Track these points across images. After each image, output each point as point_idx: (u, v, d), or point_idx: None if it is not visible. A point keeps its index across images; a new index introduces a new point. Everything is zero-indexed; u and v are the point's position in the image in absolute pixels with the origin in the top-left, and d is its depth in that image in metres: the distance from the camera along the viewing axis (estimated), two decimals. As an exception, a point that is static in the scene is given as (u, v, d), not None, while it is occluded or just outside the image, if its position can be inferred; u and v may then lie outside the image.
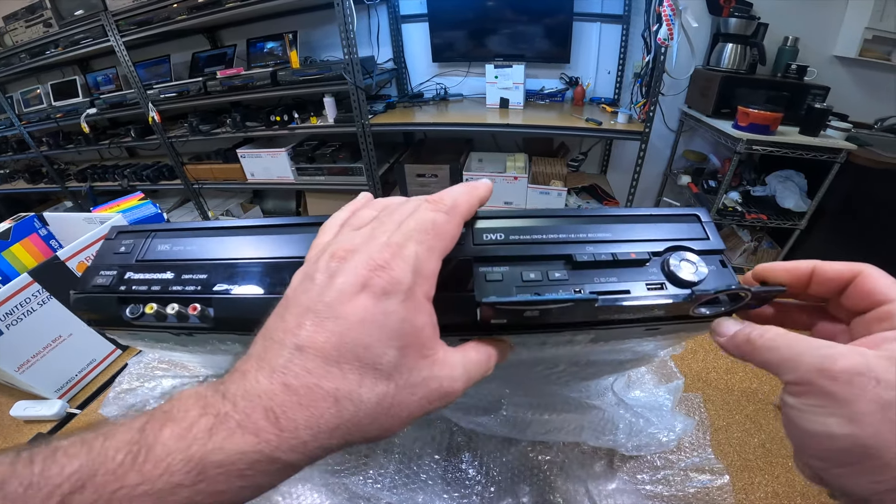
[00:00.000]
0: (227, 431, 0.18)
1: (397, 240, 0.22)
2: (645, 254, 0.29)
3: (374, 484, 0.51)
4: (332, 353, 0.20)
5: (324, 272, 0.22)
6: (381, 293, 0.21)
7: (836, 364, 0.21)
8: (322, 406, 0.19)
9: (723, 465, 0.53)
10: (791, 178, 1.98)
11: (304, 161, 2.40)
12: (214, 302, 0.31)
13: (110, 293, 0.33)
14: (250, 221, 0.35)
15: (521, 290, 0.28)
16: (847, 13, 1.95)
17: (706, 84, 2.00)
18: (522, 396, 0.51)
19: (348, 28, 1.85)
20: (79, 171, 2.95)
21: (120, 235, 0.36)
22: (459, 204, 0.26)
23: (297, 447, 0.19)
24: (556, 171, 2.15)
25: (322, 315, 0.20)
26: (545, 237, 0.30)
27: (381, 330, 0.21)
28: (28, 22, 2.45)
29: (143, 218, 0.95)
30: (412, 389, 0.22)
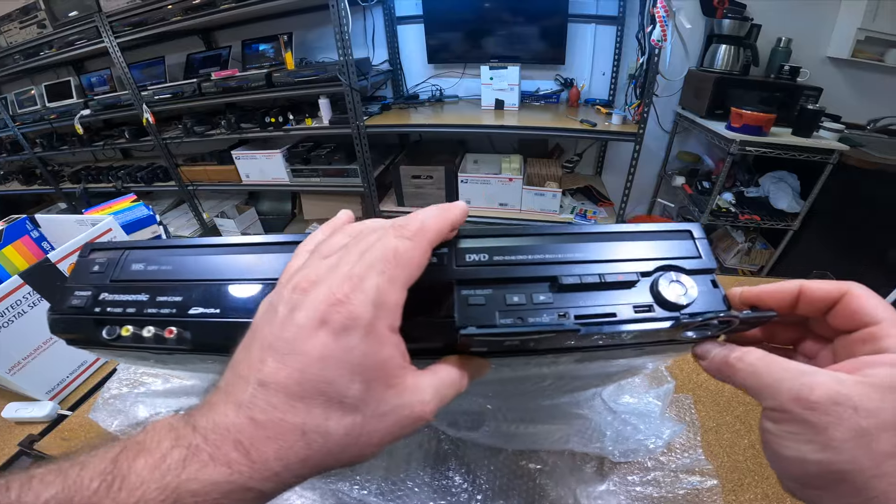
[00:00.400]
0: (199, 463, 0.19)
1: (358, 271, 0.22)
2: (633, 274, 0.28)
3: (361, 490, 0.50)
4: (294, 388, 0.20)
5: (286, 304, 0.22)
6: (341, 329, 0.21)
7: (813, 393, 0.22)
8: (290, 439, 0.20)
9: (712, 467, 0.53)
10: (784, 179, 1.99)
11: (299, 163, 2.40)
12: (191, 325, 0.30)
13: (86, 315, 0.32)
14: (226, 239, 0.34)
15: (505, 315, 0.27)
16: (840, 14, 1.95)
17: (700, 85, 2.00)
18: (507, 410, 0.50)
19: (343, 30, 1.84)
20: (73, 173, 2.93)
21: (93, 253, 0.35)
22: (427, 229, 0.25)
23: (270, 477, 0.20)
24: (551, 173, 2.15)
25: (282, 351, 0.21)
26: (531, 258, 0.29)
27: (343, 365, 0.21)
28: (22, 23, 2.44)
29: (136, 220, 0.95)
30: (381, 418, 0.22)
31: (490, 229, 0.31)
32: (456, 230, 0.29)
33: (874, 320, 0.24)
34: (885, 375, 0.22)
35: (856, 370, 0.23)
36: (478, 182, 2.17)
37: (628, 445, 0.52)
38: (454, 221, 0.28)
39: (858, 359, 0.24)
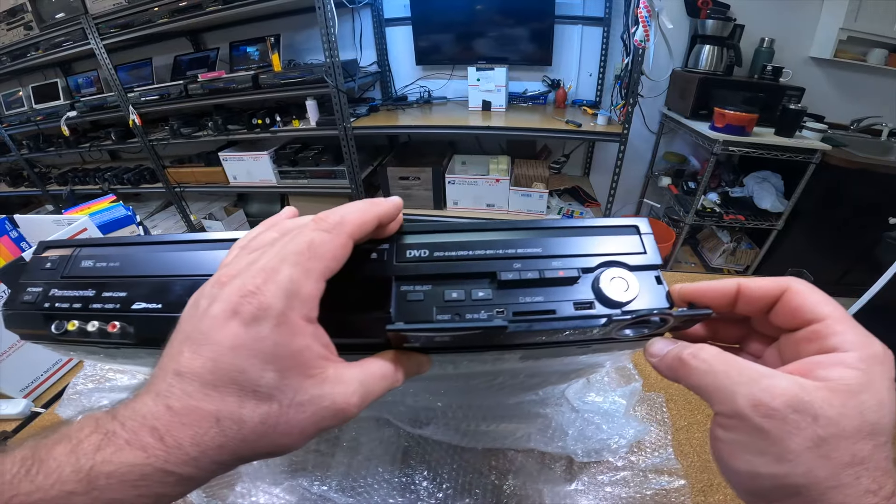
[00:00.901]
0: (115, 447, 0.20)
1: (272, 264, 0.22)
2: (575, 270, 0.28)
3: (321, 486, 0.50)
4: (208, 377, 0.21)
5: (207, 298, 0.23)
6: (251, 319, 0.21)
7: (775, 399, 0.21)
8: (205, 426, 0.20)
9: (681, 467, 0.53)
10: (768, 179, 2.01)
11: (286, 164, 2.39)
12: (134, 320, 0.30)
13: (36, 310, 0.32)
14: (174, 237, 0.35)
15: (443, 311, 0.27)
16: (822, 14, 1.98)
17: (684, 86, 2.02)
18: (466, 408, 0.50)
19: (329, 31, 1.85)
20: (60, 175, 2.91)
21: (48, 250, 0.35)
22: (347, 221, 0.25)
23: (187, 462, 0.20)
24: (538, 174, 2.16)
25: (198, 342, 0.21)
26: (472, 253, 0.29)
27: (255, 354, 0.21)
28: (9, 25, 2.43)
29: (114, 220, 0.95)
30: (300, 408, 0.22)
31: (433, 225, 0.31)
32: (388, 225, 0.29)
33: (817, 317, 0.24)
34: (843, 379, 0.21)
35: (809, 373, 0.22)
36: (465, 183, 2.18)
37: (591, 445, 0.52)
38: (382, 216, 0.27)
39: (808, 360, 0.23)
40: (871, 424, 0.20)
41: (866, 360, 0.22)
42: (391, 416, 0.53)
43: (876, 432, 0.20)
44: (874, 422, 0.20)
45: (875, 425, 0.20)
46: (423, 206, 2.28)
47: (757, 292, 0.26)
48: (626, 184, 2.50)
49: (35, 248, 0.36)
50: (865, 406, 0.20)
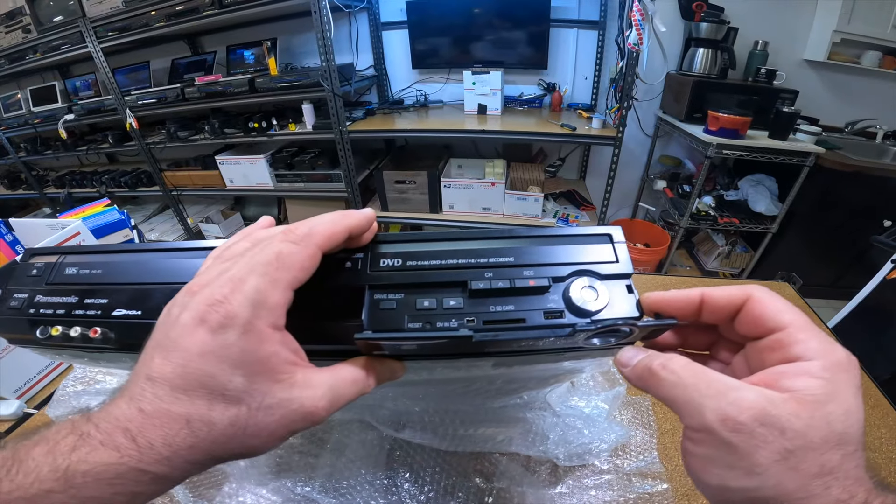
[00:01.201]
0: (90, 447, 0.21)
1: (240, 274, 0.23)
2: (545, 280, 0.28)
3: (304, 487, 0.51)
4: (178, 382, 0.22)
5: (178, 306, 0.24)
6: (218, 327, 0.22)
7: (742, 413, 0.21)
8: (175, 427, 0.21)
9: (665, 471, 0.53)
10: (762, 183, 2.01)
11: (282, 168, 2.40)
12: (114, 326, 0.31)
13: (21, 315, 0.33)
14: (156, 245, 0.36)
15: (415, 320, 0.27)
16: (816, 16, 1.98)
17: (679, 89, 2.03)
18: (440, 413, 0.50)
19: (325, 36, 1.85)
20: (58, 178, 2.92)
21: (33, 257, 0.36)
22: (315, 233, 0.26)
23: (160, 461, 0.21)
24: (534, 177, 2.16)
25: (168, 349, 0.22)
26: (444, 262, 0.29)
27: (223, 360, 0.22)
28: (8, 28, 2.44)
29: (107, 224, 0.96)
30: (269, 411, 0.23)
31: (408, 234, 0.32)
32: (362, 236, 0.30)
33: (779, 325, 0.24)
34: (808, 389, 0.21)
35: (774, 383, 0.22)
36: (461, 187, 2.18)
37: (573, 449, 0.52)
38: (352, 227, 0.28)
39: (774, 370, 0.23)
40: (839, 434, 0.20)
41: (830, 369, 0.22)
42: (373, 419, 0.53)
43: (844, 442, 0.20)
44: (842, 431, 0.20)
45: (843, 435, 0.20)
46: (418, 209, 2.29)
47: (720, 301, 0.26)
48: (622, 187, 2.51)
49: (22, 255, 0.37)
50: (832, 416, 0.20)
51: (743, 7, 1.97)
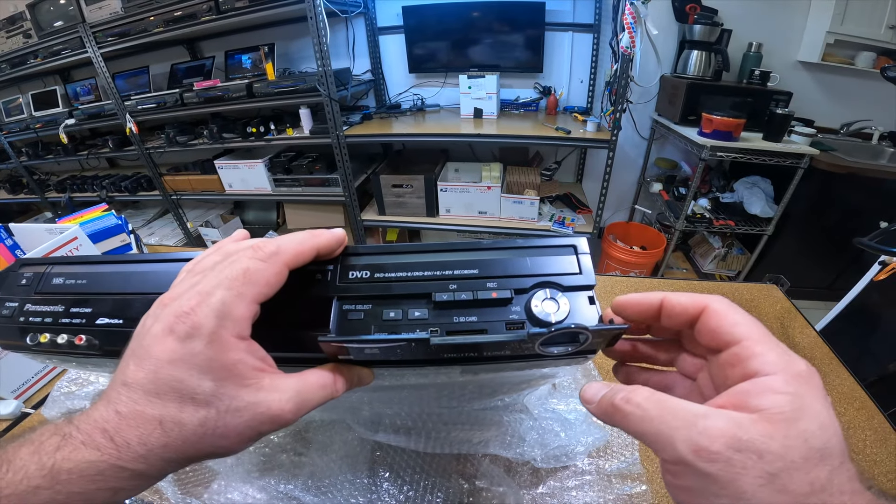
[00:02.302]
0: (72, 447, 0.22)
1: (207, 287, 0.25)
2: (508, 292, 0.29)
3: (288, 485, 0.52)
4: (150, 386, 0.23)
5: (152, 317, 0.26)
6: (185, 336, 0.24)
7: (714, 442, 0.20)
8: (149, 427, 0.23)
9: (645, 472, 0.53)
10: (757, 185, 2.02)
11: (280, 172, 2.41)
12: (98, 334, 0.33)
13: (12, 323, 0.35)
14: (137, 256, 0.38)
15: (381, 330, 0.28)
16: (809, 18, 1.99)
17: (673, 91, 2.03)
18: (413, 416, 0.51)
19: (321, 41, 1.87)
20: (59, 182, 2.95)
21: (23, 268, 0.38)
22: (283, 251, 0.27)
23: (137, 459, 0.23)
24: (530, 181, 2.17)
25: (141, 356, 0.24)
26: (410, 274, 0.30)
27: (191, 367, 0.24)
28: (8, 33, 2.47)
29: (104, 229, 0.97)
30: (236, 413, 0.25)
31: (378, 247, 0.33)
32: (329, 254, 0.31)
33: (734, 339, 0.24)
34: (776, 406, 0.21)
35: (741, 404, 0.21)
36: (457, 190, 2.19)
37: (550, 451, 0.53)
38: (320, 247, 0.30)
39: (737, 389, 0.22)
40: (820, 450, 0.20)
41: (793, 382, 0.21)
42: (352, 421, 0.54)
43: (827, 456, 0.20)
44: (821, 447, 0.20)
45: (823, 450, 0.20)
46: (415, 213, 2.30)
47: (677, 307, 0.26)
48: (618, 190, 2.52)
49: (11, 265, 0.39)
50: (808, 433, 0.20)
51: (736, 9, 1.98)
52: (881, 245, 0.90)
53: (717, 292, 0.85)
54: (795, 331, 0.75)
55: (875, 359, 0.97)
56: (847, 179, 1.80)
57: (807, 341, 0.73)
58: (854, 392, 0.64)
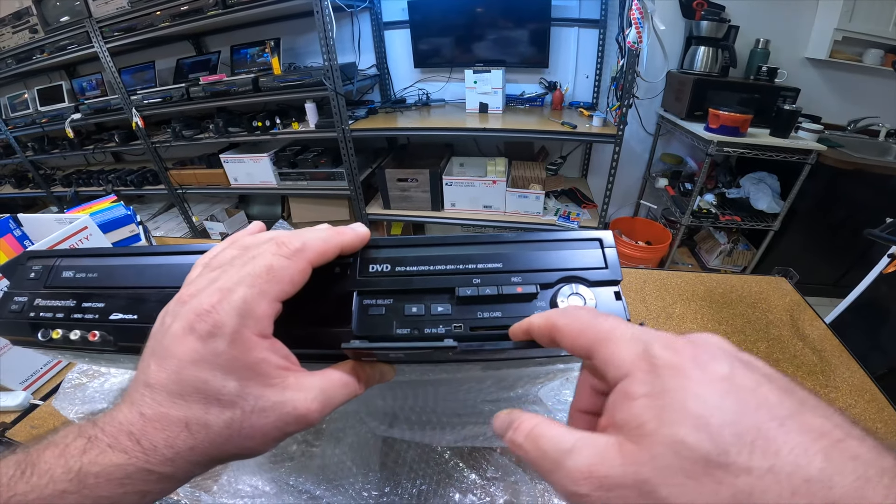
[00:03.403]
0: (98, 450, 0.22)
1: (229, 284, 0.24)
2: (533, 286, 0.28)
3: (298, 477, 0.52)
4: (174, 387, 0.23)
5: (171, 315, 0.25)
6: (207, 335, 0.23)
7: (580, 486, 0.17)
8: (175, 430, 0.22)
9: None
10: (764, 180, 2.01)
11: (286, 166, 2.42)
12: (112, 330, 0.32)
13: (22, 319, 0.34)
14: (147, 248, 0.36)
15: (403, 326, 0.28)
16: (817, 15, 1.98)
17: (680, 87, 2.03)
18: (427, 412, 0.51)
19: (327, 35, 1.87)
20: (64, 177, 2.96)
21: (31, 261, 0.37)
22: (308, 249, 0.26)
23: (164, 462, 0.22)
24: (535, 175, 2.17)
25: (162, 356, 0.23)
26: (432, 268, 0.29)
27: (215, 367, 0.23)
28: (15, 28, 2.47)
29: (114, 219, 0.97)
30: (262, 413, 0.24)
31: (398, 239, 0.31)
32: (351, 252, 0.30)
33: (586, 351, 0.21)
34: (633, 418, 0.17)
35: (610, 423, 0.19)
36: (462, 185, 2.19)
37: None
38: (344, 245, 0.29)
39: (607, 404, 0.20)
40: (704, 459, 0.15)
41: (649, 376, 0.18)
42: (365, 415, 0.54)
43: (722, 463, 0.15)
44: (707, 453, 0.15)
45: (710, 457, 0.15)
46: (420, 207, 2.30)
47: (535, 332, 0.24)
48: (624, 185, 2.51)
49: (18, 258, 0.38)
50: (678, 442, 0.16)
51: (744, 5, 1.97)
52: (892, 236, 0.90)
53: (725, 285, 0.86)
54: (805, 323, 0.75)
55: (884, 351, 0.97)
56: (854, 176, 1.80)
57: (816, 334, 0.73)
58: (864, 384, 0.64)
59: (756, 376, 0.17)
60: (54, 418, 0.66)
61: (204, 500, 0.51)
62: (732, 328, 0.74)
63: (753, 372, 0.17)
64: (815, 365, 0.66)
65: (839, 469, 0.14)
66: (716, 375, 0.17)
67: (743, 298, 0.82)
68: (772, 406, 0.16)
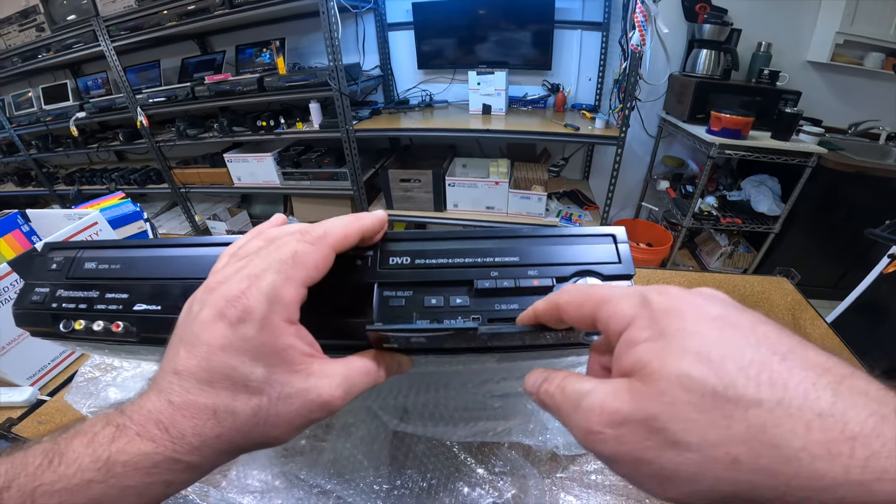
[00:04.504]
0: (127, 438, 0.22)
1: (256, 272, 0.25)
2: (549, 280, 0.29)
3: (309, 471, 0.52)
4: (202, 374, 0.23)
5: (199, 303, 0.25)
6: (237, 321, 0.23)
7: (593, 424, 0.18)
8: (203, 417, 0.23)
9: None
10: (765, 183, 2.02)
11: (289, 166, 2.42)
12: (136, 320, 0.32)
13: (44, 310, 0.34)
14: (170, 240, 0.36)
15: (423, 317, 0.28)
16: (819, 18, 1.99)
17: (682, 90, 2.04)
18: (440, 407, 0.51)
19: (333, 36, 1.88)
20: (67, 175, 2.96)
21: (52, 252, 0.37)
22: (330, 234, 0.27)
23: (191, 451, 0.22)
24: (538, 177, 2.18)
25: (192, 343, 0.24)
26: (451, 261, 0.30)
27: (243, 353, 0.23)
28: (21, 26, 2.47)
29: (122, 216, 0.98)
30: (288, 401, 0.24)
31: (417, 233, 0.32)
32: (374, 237, 0.31)
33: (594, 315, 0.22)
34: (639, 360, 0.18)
35: (619, 369, 0.20)
36: (465, 185, 2.20)
37: (572, 439, 0.53)
38: (365, 230, 0.29)
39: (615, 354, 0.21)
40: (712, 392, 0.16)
41: (649, 322, 0.19)
42: (377, 409, 0.55)
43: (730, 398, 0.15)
44: (713, 385, 0.16)
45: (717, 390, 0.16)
46: (423, 208, 2.31)
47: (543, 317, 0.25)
48: (625, 187, 2.52)
49: (41, 248, 0.38)
50: (683, 376, 0.16)
51: (746, 8, 1.98)
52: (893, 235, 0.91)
53: (727, 284, 0.87)
54: (807, 322, 0.76)
55: (885, 350, 0.98)
56: (854, 179, 1.81)
57: (818, 333, 0.74)
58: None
59: (751, 317, 0.18)
60: (61, 414, 0.67)
61: (212, 495, 0.51)
62: (735, 327, 0.75)
63: (748, 313, 0.18)
64: (816, 363, 0.67)
65: (850, 404, 0.14)
66: (710, 315, 0.18)
67: (745, 298, 0.83)
68: (772, 341, 0.17)
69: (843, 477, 0.13)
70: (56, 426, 0.67)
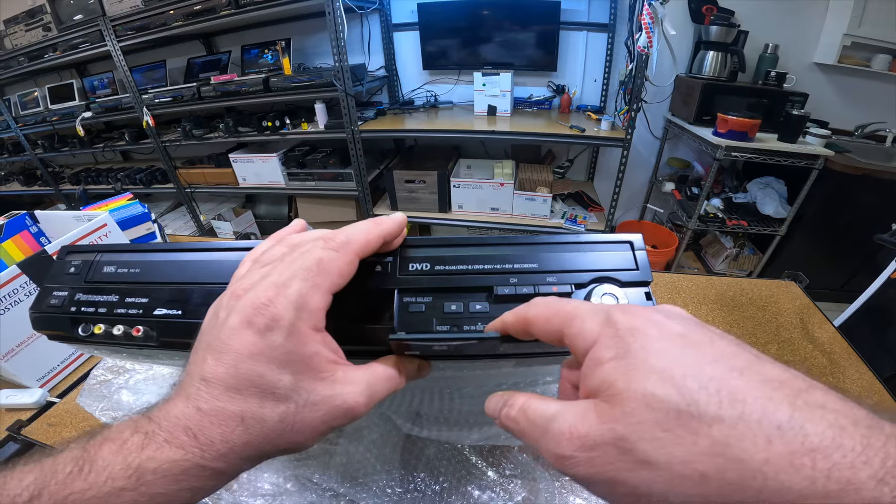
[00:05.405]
0: (156, 445, 0.22)
1: (283, 279, 0.25)
2: (568, 286, 0.29)
3: (321, 475, 0.52)
4: (231, 382, 0.23)
5: (225, 310, 0.25)
6: (265, 329, 0.23)
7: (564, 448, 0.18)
8: (231, 424, 0.23)
9: None
10: (771, 185, 2.02)
11: (294, 166, 2.43)
12: (156, 325, 0.32)
13: (62, 314, 0.34)
14: (191, 244, 0.36)
15: (443, 323, 0.28)
16: (826, 20, 1.98)
17: (688, 91, 2.03)
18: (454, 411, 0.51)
19: (338, 36, 1.88)
20: (73, 175, 2.98)
21: (70, 255, 0.37)
22: (353, 241, 0.27)
23: (218, 457, 0.23)
24: (543, 178, 2.18)
25: (219, 350, 0.24)
26: (471, 267, 0.30)
27: (271, 360, 0.23)
28: (28, 26, 2.49)
29: (131, 217, 0.98)
30: (314, 408, 0.24)
31: (436, 239, 0.32)
32: (393, 241, 0.31)
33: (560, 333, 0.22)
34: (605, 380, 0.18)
35: (586, 390, 0.20)
36: (470, 187, 2.20)
37: None
38: (386, 234, 0.30)
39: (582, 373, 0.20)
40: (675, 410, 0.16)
41: (613, 341, 0.19)
42: (391, 413, 0.55)
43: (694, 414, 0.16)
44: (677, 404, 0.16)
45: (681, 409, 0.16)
46: (428, 209, 2.31)
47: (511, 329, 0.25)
48: (630, 189, 2.52)
49: (59, 252, 0.38)
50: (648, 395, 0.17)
51: (753, 10, 1.98)
52: (902, 241, 0.91)
53: (736, 288, 0.87)
54: (815, 326, 0.76)
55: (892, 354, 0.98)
56: (861, 181, 1.80)
57: (826, 336, 0.74)
58: (873, 386, 0.64)
59: (709, 333, 0.19)
60: (71, 415, 0.67)
61: (224, 499, 0.51)
62: (743, 330, 0.75)
63: (707, 329, 0.19)
64: (824, 367, 0.67)
65: (808, 417, 0.14)
66: (671, 332, 0.19)
67: (753, 301, 0.83)
68: (728, 357, 0.17)
69: (809, 489, 0.13)
70: (65, 428, 0.68)
